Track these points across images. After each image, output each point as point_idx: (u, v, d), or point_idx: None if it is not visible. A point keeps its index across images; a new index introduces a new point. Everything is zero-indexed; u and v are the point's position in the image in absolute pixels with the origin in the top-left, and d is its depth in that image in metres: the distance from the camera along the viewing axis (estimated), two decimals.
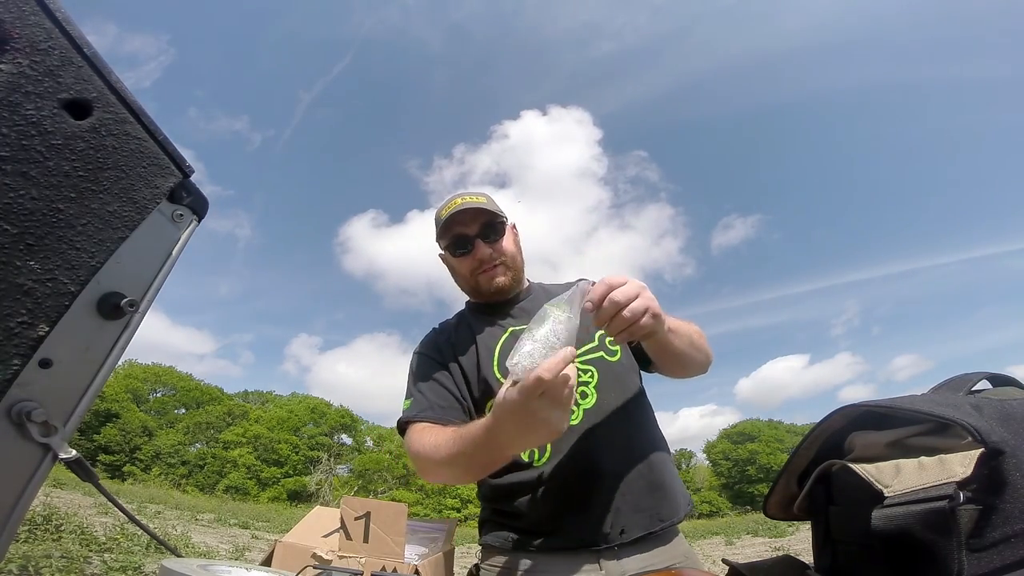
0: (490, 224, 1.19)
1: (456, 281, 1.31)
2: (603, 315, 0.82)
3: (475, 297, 1.30)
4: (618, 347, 1.17)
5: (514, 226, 1.30)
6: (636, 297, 0.83)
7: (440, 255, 1.30)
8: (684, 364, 1.11)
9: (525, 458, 1.10)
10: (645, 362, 1.20)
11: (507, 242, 1.23)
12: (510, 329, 1.19)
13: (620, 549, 1.03)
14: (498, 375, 1.13)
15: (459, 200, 1.20)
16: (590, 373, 1.12)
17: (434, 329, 1.31)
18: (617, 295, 0.82)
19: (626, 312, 0.82)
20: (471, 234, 1.19)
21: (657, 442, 1.15)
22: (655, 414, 1.23)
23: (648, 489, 1.07)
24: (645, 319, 0.83)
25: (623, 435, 1.09)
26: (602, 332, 1.12)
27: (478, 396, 1.15)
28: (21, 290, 0.42)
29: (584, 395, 1.10)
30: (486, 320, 1.24)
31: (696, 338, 1.09)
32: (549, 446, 1.08)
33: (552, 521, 1.05)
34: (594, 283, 0.85)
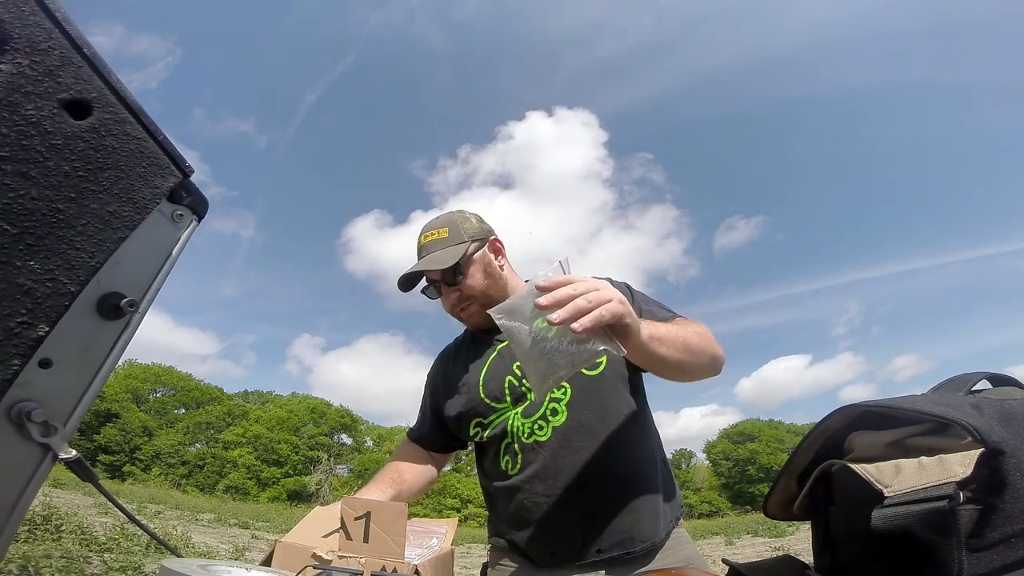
0: (449, 271, 1.15)
1: None
2: (556, 295, 0.74)
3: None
4: (601, 360, 1.11)
5: (495, 241, 1.25)
6: (597, 289, 0.76)
7: None
8: (681, 371, 1.02)
9: (502, 466, 1.13)
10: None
11: (474, 278, 1.18)
12: (498, 348, 1.21)
13: (600, 565, 1.03)
14: (482, 395, 1.16)
15: (422, 239, 1.20)
16: (563, 390, 1.10)
17: (444, 349, 1.38)
18: (577, 286, 0.76)
19: (582, 300, 0.74)
20: (436, 279, 1.19)
21: (638, 461, 1.10)
22: (652, 424, 1.19)
23: (621, 510, 1.04)
24: (609, 306, 0.75)
25: (594, 454, 1.06)
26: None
27: (465, 413, 1.20)
28: (21, 290, 0.42)
29: (555, 412, 1.09)
30: (480, 337, 1.26)
31: (695, 341, 1.00)
32: (520, 458, 1.10)
33: (528, 530, 1.08)
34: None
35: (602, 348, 0.76)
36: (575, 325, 0.72)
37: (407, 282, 1.20)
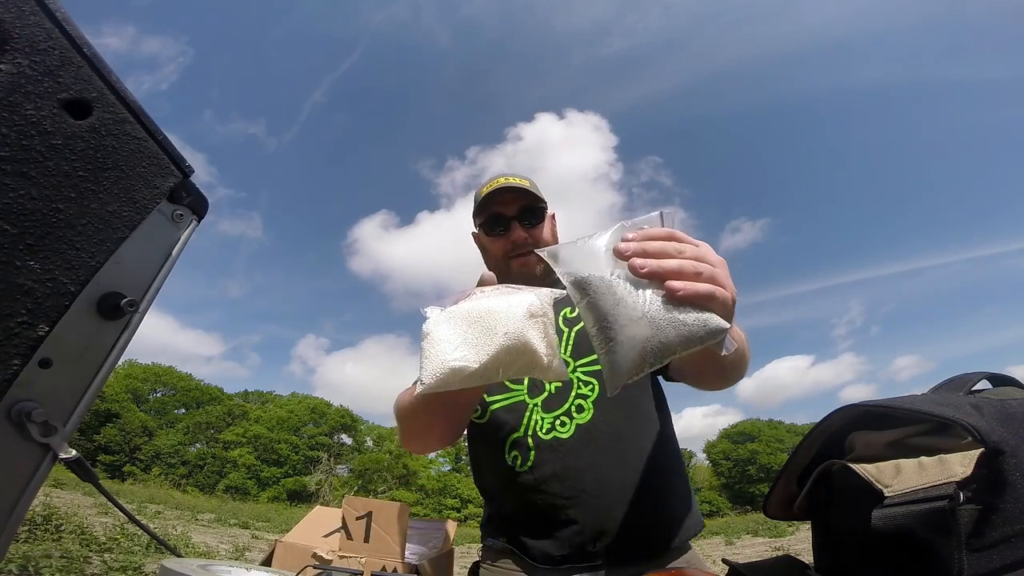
0: (530, 208, 1.14)
1: (486, 262, 1.25)
2: (644, 245, 0.54)
3: (502, 281, 1.24)
4: None
5: (553, 216, 1.26)
6: (714, 265, 0.56)
7: (473, 233, 1.28)
8: (725, 379, 0.95)
9: (508, 461, 1.08)
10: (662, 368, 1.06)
11: (545, 231, 1.18)
12: None
13: (608, 568, 0.98)
14: None
15: (502, 180, 1.16)
16: (591, 386, 1.05)
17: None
18: (682, 246, 0.56)
19: (689, 264, 0.54)
20: (509, 215, 1.15)
21: (662, 465, 1.05)
22: (673, 429, 1.14)
23: (643, 516, 0.99)
24: (725, 292, 0.54)
25: (616, 455, 1.02)
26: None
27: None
28: (21, 290, 0.42)
29: (580, 408, 1.04)
30: None
31: (746, 350, 0.93)
32: (532, 455, 1.04)
33: (536, 529, 1.03)
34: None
35: (725, 326, 0.52)
36: (677, 285, 0.51)
37: (489, 202, 1.14)
